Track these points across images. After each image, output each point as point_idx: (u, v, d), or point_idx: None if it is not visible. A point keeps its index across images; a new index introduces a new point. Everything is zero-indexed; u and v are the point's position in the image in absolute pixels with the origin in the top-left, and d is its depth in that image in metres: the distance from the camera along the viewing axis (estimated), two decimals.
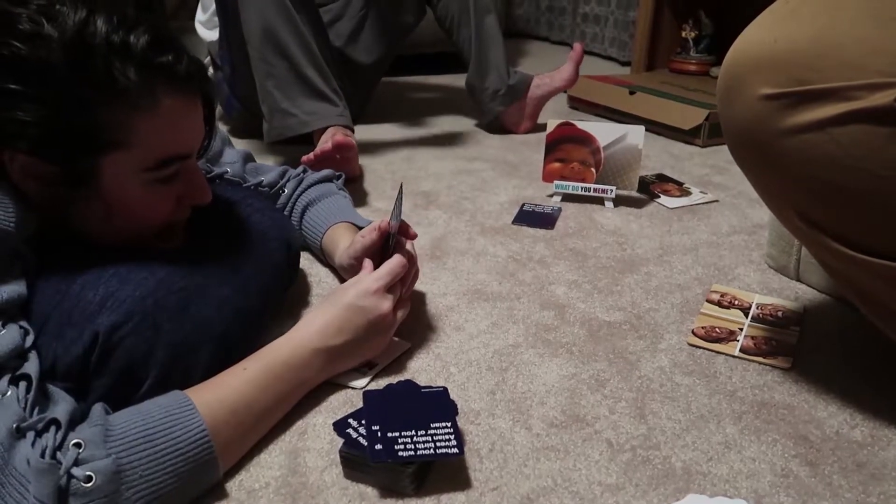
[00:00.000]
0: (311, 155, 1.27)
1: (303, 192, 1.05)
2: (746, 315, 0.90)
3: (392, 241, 0.80)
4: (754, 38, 0.62)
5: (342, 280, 0.98)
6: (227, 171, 0.98)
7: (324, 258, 1.03)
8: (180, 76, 0.66)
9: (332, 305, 0.74)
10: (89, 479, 0.52)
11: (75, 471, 0.52)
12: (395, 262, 0.78)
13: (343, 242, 0.93)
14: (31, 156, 0.63)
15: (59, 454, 0.53)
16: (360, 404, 0.70)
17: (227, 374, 0.67)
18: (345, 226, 0.99)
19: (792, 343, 0.83)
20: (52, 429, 0.54)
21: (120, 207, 0.68)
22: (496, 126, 1.79)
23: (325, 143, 1.31)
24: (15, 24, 0.60)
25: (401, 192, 0.80)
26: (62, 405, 0.57)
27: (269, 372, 0.68)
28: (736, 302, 0.93)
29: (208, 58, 1.73)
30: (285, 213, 1.05)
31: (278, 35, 1.36)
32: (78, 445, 0.54)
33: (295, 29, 1.37)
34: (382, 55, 1.78)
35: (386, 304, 0.75)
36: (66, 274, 0.67)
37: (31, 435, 0.53)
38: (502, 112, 1.74)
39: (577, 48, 1.74)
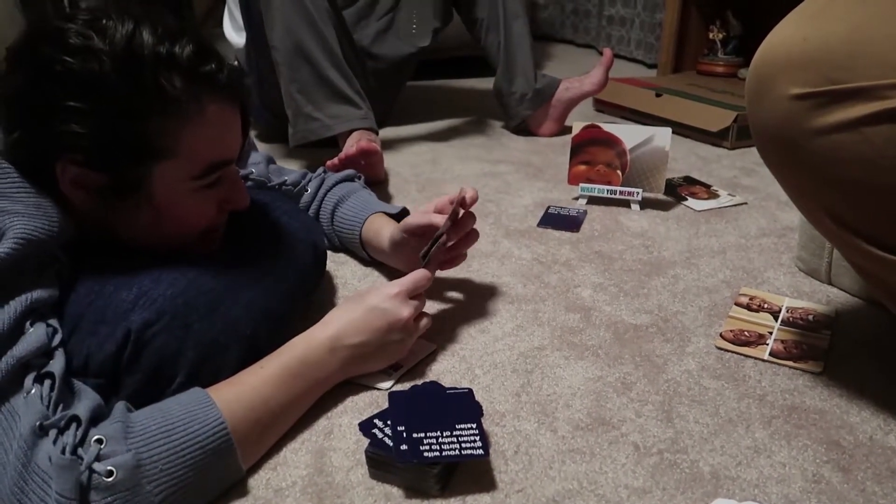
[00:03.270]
0: (335, 160, 1.28)
1: (328, 190, 1.07)
2: (776, 319, 0.88)
3: (434, 245, 0.80)
4: (783, 37, 0.61)
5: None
6: (251, 172, 1.00)
7: (362, 252, 1.03)
8: (223, 84, 0.68)
9: (353, 306, 0.75)
10: (110, 473, 0.54)
11: (97, 466, 0.53)
12: (421, 273, 0.79)
13: (386, 229, 0.94)
14: (83, 167, 0.65)
15: (80, 450, 0.54)
16: (386, 405, 0.70)
17: (245, 372, 0.68)
18: (382, 215, 1.00)
19: (823, 347, 0.82)
20: (73, 426, 0.55)
21: (168, 215, 0.70)
22: (522, 129, 1.79)
23: (349, 147, 1.32)
24: (65, 39, 0.62)
25: (460, 198, 0.80)
26: (85, 402, 0.58)
27: (285, 369, 0.69)
28: (765, 305, 0.91)
29: (235, 63, 1.75)
30: (310, 213, 1.06)
31: (302, 39, 1.37)
32: (99, 441, 0.55)
33: (318, 33, 1.38)
34: (408, 57, 1.79)
35: (406, 309, 0.76)
36: (101, 275, 0.68)
37: (53, 433, 0.54)
38: (529, 116, 1.74)
39: (608, 53, 1.73)
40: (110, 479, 0.53)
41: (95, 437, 0.55)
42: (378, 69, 1.73)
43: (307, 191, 1.07)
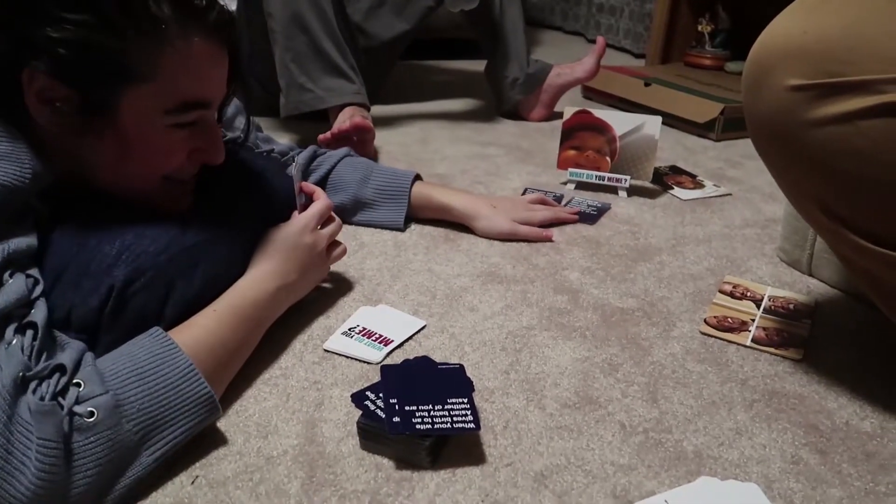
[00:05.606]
0: (328, 134, 1.28)
1: (328, 156, 1.11)
2: (758, 307, 0.90)
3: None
4: (783, 29, 0.62)
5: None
6: (239, 137, 0.98)
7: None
8: (211, 22, 0.67)
9: (277, 252, 0.80)
10: (92, 414, 0.55)
11: (77, 408, 0.54)
12: (319, 205, 0.86)
13: (446, 192, 1.11)
14: (51, 78, 0.62)
15: (59, 398, 0.54)
16: (375, 378, 0.71)
17: (200, 315, 0.70)
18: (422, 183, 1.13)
19: (803, 335, 0.84)
20: (57, 375, 0.56)
21: (133, 148, 0.67)
22: (512, 112, 1.79)
23: (342, 122, 1.32)
24: None
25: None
26: (69, 352, 0.58)
27: (239, 312, 0.72)
28: (748, 293, 0.93)
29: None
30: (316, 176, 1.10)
31: (300, 9, 1.36)
32: (77, 385, 0.56)
33: (316, 3, 1.37)
34: (400, 33, 1.77)
35: (322, 240, 0.85)
36: (83, 227, 0.68)
37: (34, 383, 0.54)
38: (520, 101, 1.74)
39: (601, 42, 1.74)
40: (92, 420, 0.55)
41: (74, 381, 0.56)
42: (369, 46, 1.72)
43: (294, 162, 1.06)
